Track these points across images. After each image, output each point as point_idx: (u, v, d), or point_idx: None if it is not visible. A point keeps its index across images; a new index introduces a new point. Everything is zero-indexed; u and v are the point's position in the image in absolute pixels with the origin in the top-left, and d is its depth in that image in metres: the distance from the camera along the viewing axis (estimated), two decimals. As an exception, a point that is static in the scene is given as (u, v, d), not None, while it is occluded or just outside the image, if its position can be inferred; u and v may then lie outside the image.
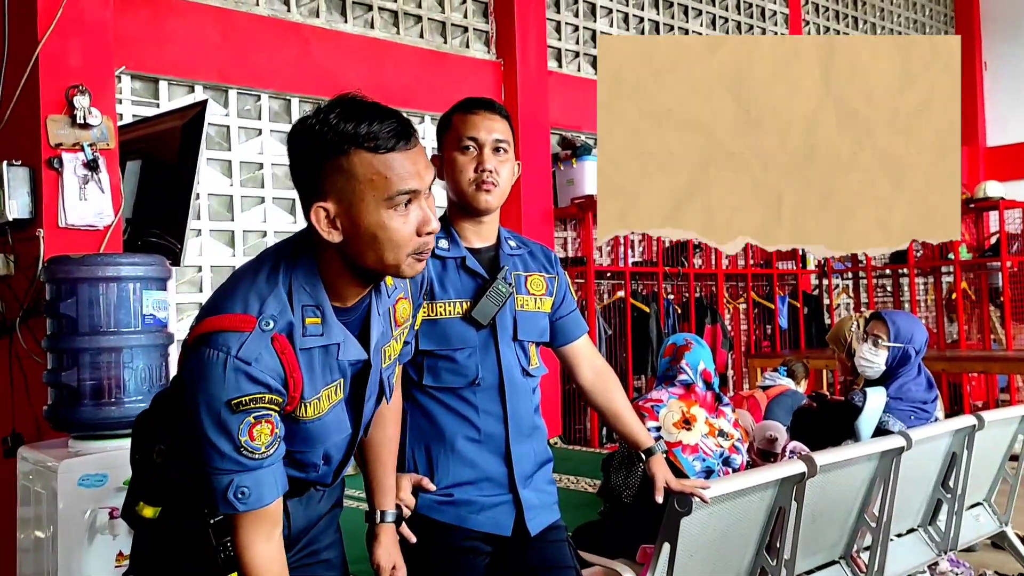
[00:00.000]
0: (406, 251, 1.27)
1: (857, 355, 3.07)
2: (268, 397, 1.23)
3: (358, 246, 1.26)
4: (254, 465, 1.24)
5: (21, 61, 2.85)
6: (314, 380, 1.31)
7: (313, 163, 1.25)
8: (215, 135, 4.84)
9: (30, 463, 2.59)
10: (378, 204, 1.23)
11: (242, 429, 1.22)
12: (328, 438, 1.38)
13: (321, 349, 1.31)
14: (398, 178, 1.24)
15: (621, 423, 2.03)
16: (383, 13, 5.77)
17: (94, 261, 2.55)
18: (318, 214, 1.25)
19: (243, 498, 1.25)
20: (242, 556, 1.27)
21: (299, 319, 1.27)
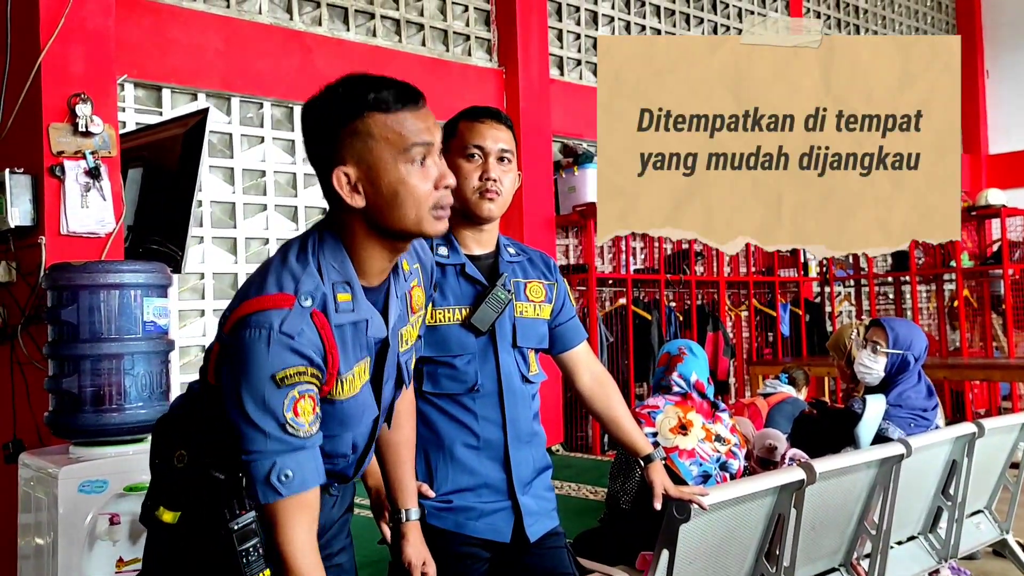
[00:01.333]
0: (427, 205, 1.31)
1: (856, 361, 3.07)
2: (311, 371, 1.24)
3: (381, 207, 1.30)
4: (298, 444, 1.24)
5: (23, 69, 2.87)
6: (347, 356, 1.32)
7: (329, 132, 1.30)
8: (217, 142, 4.86)
9: (31, 469, 2.59)
10: (396, 160, 1.28)
11: (287, 405, 1.23)
12: (360, 420, 1.38)
13: (351, 325, 1.33)
14: (411, 133, 1.29)
15: (620, 430, 2.03)
16: (385, 21, 5.79)
17: (95, 268, 2.56)
18: (340, 179, 1.29)
19: (286, 481, 1.23)
20: (284, 547, 1.24)
21: (331, 295, 1.30)
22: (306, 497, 1.26)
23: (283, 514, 1.25)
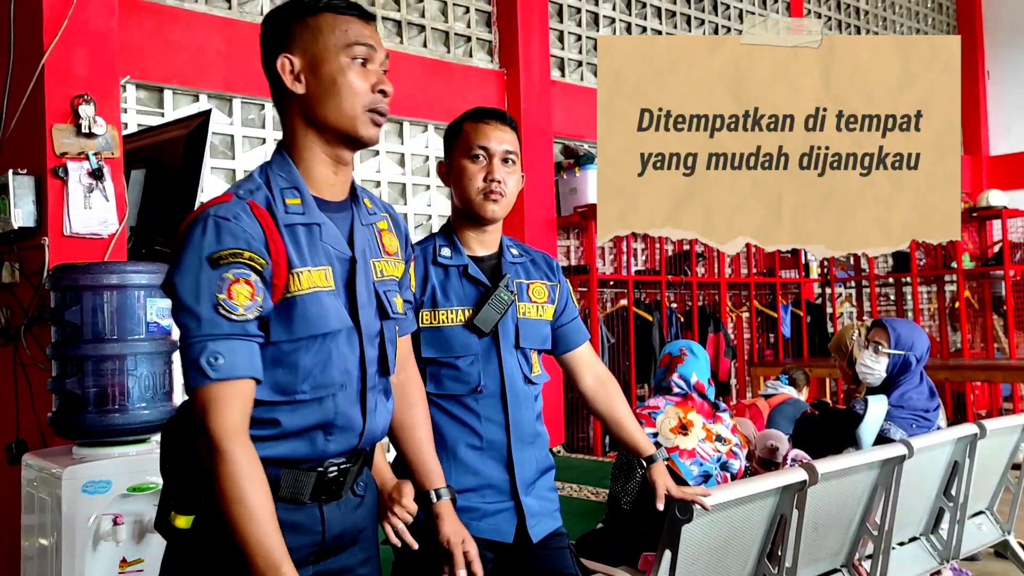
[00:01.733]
0: (362, 102, 1.37)
1: (858, 362, 3.08)
2: (247, 255, 1.26)
3: (319, 95, 1.36)
4: (231, 329, 1.24)
5: (27, 70, 2.88)
6: (301, 254, 1.33)
7: (282, 26, 1.39)
8: (219, 144, 4.87)
9: (34, 470, 2.59)
10: (338, 52, 1.36)
11: (221, 286, 1.23)
12: (327, 321, 1.33)
13: (305, 229, 1.35)
14: (357, 33, 1.38)
15: (622, 430, 2.03)
16: (387, 23, 5.80)
17: (99, 269, 2.57)
18: (284, 65, 1.37)
19: (216, 364, 1.22)
20: (213, 431, 1.21)
21: (279, 199, 1.34)
22: (237, 385, 1.24)
23: (212, 399, 1.22)
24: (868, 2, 9.98)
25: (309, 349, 1.33)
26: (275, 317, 1.31)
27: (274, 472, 1.34)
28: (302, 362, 1.33)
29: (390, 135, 5.90)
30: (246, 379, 1.25)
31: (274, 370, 1.32)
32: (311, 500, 1.38)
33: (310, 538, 1.40)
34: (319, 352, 1.34)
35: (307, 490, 1.37)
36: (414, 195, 6.04)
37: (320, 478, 1.38)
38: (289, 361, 1.32)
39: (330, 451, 1.39)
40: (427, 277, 1.85)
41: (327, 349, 1.35)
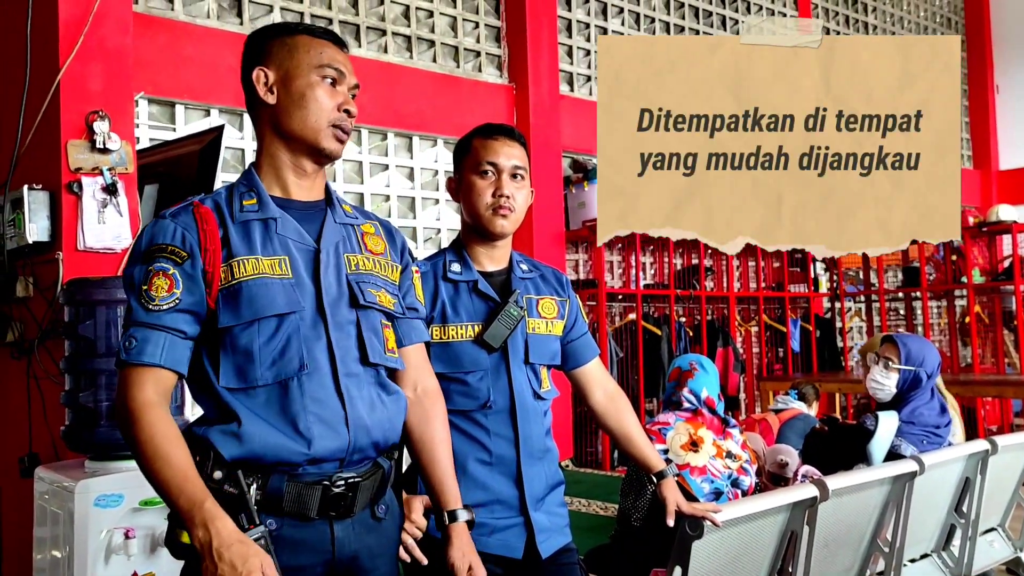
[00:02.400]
0: (326, 118, 1.45)
1: (868, 377, 3.07)
2: (170, 248, 1.37)
3: (287, 107, 1.45)
4: (146, 318, 1.34)
5: (42, 86, 2.91)
6: (250, 245, 1.41)
7: (260, 43, 1.50)
8: (230, 158, 4.90)
9: (47, 483, 2.61)
10: (310, 69, 1.46)
11: (145, 278, 1.36)
12: (274, 304, 1.38)
13: (260, 224, 1.43)
14: (329, 56, 1.48)
15: (633, 446, 2.03)
16: (396, 38, 5.84)
17: (112, 283, 2.58)
18: (259, 76, 1.47)
19: (129, 348, 1.34)
20: (125, 403, 1.31)
21: (237, 201, 1.44)
22: (149, 371, 1.33)
23: (126, 378, 1.33)
24: (877, 17, 10.00)
25: (261, 333, 1.38)
26: (223, 304, 1.38)
27: (276, 484, 1.34)
28: (255, 346, 1.38)
29: (399, 149, 5.93)
30: (154, 367, 1.34)
31: (234, 356, 1.38)
32: (319, 516, 1.38)
33: (318, 556, 1.39)
34: (274, 336, 1.39)
35: (313, 504, 1.37)
36: (423, 209, 6.07)
37: (326, 492, 1.37)
38: (242, 346, 1.38)
39: (319, 448, 1.37)
40: (437, 292, 1.86)
41: (284, 334, 1.39)
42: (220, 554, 1.22)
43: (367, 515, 1.45)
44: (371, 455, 1.45)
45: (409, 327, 1.60)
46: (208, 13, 4.93)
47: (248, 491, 1.32)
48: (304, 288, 1.42)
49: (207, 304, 1.38)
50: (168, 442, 1.30)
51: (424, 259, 1.94)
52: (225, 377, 1.37)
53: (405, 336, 1.59)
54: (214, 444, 1.34)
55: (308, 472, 1.37)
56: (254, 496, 1.33)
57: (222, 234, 1.40)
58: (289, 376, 1.38)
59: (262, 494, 1.34)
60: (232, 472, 1.32)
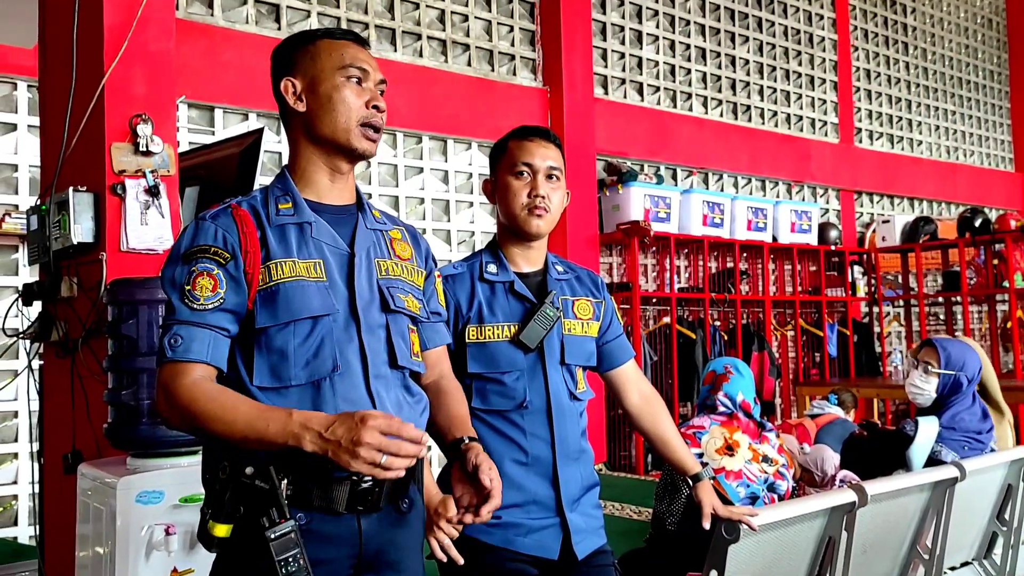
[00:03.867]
0: (356, 117, 1.48)
1: (907, 382, 3.03)
2: (213, 249, 1.40)
3: (317, 111, 1.48)
4: (190, 316, 1.37)
5: (87, 91, 2.97)
6: (287, 248, 1.44)
7: (286, 54, 1.54)
8: (268, 161, 4.96)
9: (89, 480, 2.65)
10: (334, 72, 1.49)
11: (188, 278, 1.39)
12: (309, 306, 1.41)
13: (296, 227, 1.46)
14: (351, 55, 1.50)
15: (668, 449, 2.03)
16: (432, 42, 5.88)
17: (154, 284, 2.62)
18: (287, 87, 1.50)
19: (175, 345, 1.36)
20: (169, 392, 1.34)
21: (273, 205, 1.47)
22: (192, 366, 1.36)
23: (169, 374, 1.36)
24: (917, 18, 9.86)
25: (296, 334, 1.41)
26: (260, 305, 1.41)
27: (305, 480, 1.37)
28: (291, 346, 1.40)
29: (434, 152, 5.96)
30: (200, 363, 1.37)
31: (268, 356, 1.41)
32: (347, 511, 1.40)
33: (348, 550, 1.42)
34: (308, 338, 1.41)
35: (341, 500, 1.39)
36: (457, 212, 6.09)
37: (354, 487, 1.40)
38: (277, 346, 1.40)
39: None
40: (473, 293, 1.87)
41: (318, 335, 1.42)
42: (333, 438, 1.27)
43: (391, 510, 1.48)
44: None
45: (432, 331, 1.63)
46: (247, 19, 5.00)
47: (279, 486, 1.34)
48: (338, 291, 1.45)
49: (246, 305, 1.41)
50: (226, 395, 1.35)
51: (460, 260, 1.95)
52: (259, 376, 1.40)
53: (429, 340, 1.62)
54: None
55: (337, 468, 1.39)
56: (285, 491, 1.35)
57: (260, 236, 1.43)
58: (322, 376, 1.41)
59: (293, 490, 1.37)
60: (264, 468, 1.34)
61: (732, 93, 7.87)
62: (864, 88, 9.20)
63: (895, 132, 9.51)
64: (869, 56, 9.29)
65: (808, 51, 8.60)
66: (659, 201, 6.66)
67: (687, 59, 7.52)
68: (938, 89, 10.09)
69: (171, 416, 1.37)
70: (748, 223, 7.24)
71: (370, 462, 1.26)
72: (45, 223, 3.08)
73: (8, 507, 4.52)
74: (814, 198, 8.56)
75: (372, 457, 1.26)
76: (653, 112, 7.18)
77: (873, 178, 9.07)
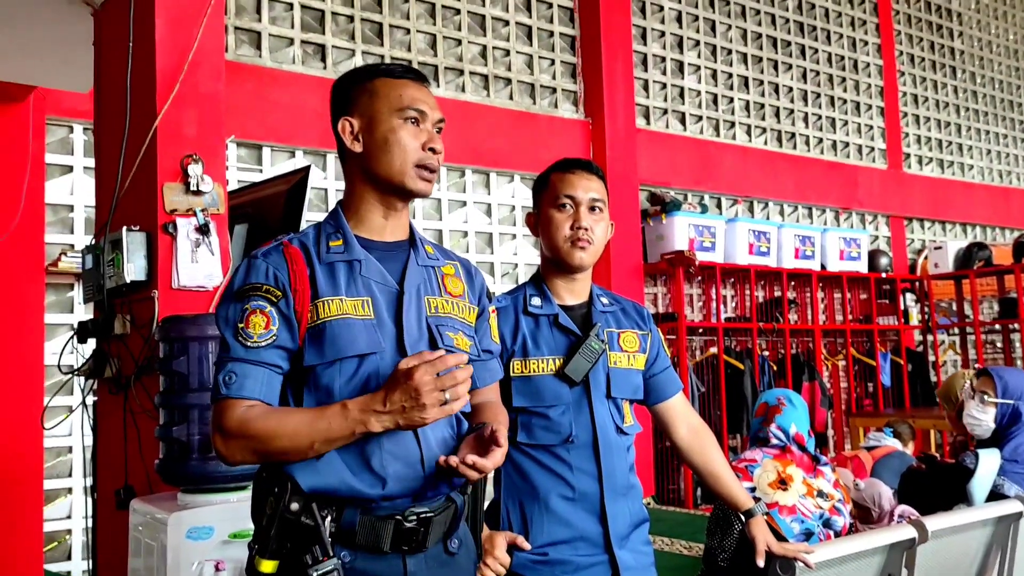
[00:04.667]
0: (412, 159, 1.48)
1: (964, 413, 2.94)
2: (265, 287, 1.41)
3: (374, 152, 1.49)
4: (244, 354, 1.39)
5: (141, 133, 3.05)
6: (335, 286, 1.44)
7: (344, 92, 1.54)
8: (314, 198, 5.04)
9: (141, 515, 2.68)
10: (391, 113, 1.49)
11: (242, 316, 1.40)
12: (356, 344, 1.41)
13: (345, 265, 1.46)
14: (409, 97, 1.50)
15: (719, 483, 1.99)
16: (474, 77, 5.95)
17: (204, 320, 2.66)
18: (344, 127, 1.51)
19: (229, 382, 1.37)
20: (223, 428, 1.36)
21: (324, 243, 1.48)
22: (246, 403, 1.37)
23: (223, 409, 1.37)
24: (964, 42, 9.72)
25: (342, 372, 1.41)
26: (308, 343, 1.41)
27: (350, 518, 1.36)
28: (336, 384, 1.40)
29: (477, 186, 6.01)
30: (254, 400, 1.38)
31: (316, 394, 1.41)
32: (391, 550, 1.39)
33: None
34: (354, 376, 1.41)
35: (386, 538, 1.38)
36: (500, 244, 6.11)
37: (399, 526, 1.39)
38: (324, 384, 1.41)
39: (394, 486, 1.39)
40: (517, 326, 1.87)
41: (363, 373, 1.41)
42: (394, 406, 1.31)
43: (440, 550, 1.45)
44: (444, 491, 1.46)
45: (484, 369, 1.61)
46: (293, 59, 5.11)
47: (323, 523, 1.34)
48: (385, 328, 1.45)
49: (297, 342, 1.41)
50: (276, 411, 1.38)
51: (504, 293, 1.95)
52: None
53: (479, 379, 1.59)
54: (293, 475, 1.36)
55: (381, 506, 1.39)
56: (328, 528, 1.35)
57: (309, 274, 1.44)
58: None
59: (336, 527, 1.36)
60: (308, 504, 1.34)
61: (776, 121, 7.82)
62: (912, 113, 9.07)
63: (945, 157, 9.35)
64: (916, 81, 9.17)
65: (853, 77, 8.52)
66: (704, 230, 6.61)
67: (729, 88, 7.49)
68: (988, 112, 9.91)
69: (229, 450, 1.38)
70: (795, 251, 7.15)
71: (439, 404, 1.31)
72: (99, 262, 3.15)
73: (62, 541, 4.59)
74: (863, 225, 8.43)
75: (438, 398, 1.31)
76: (696, 141, 7.16)
77: (923, 204, 8.91)
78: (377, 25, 5.49)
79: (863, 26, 8.66)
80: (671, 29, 7.11)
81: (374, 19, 5.46)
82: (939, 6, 9.52)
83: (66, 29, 3.85)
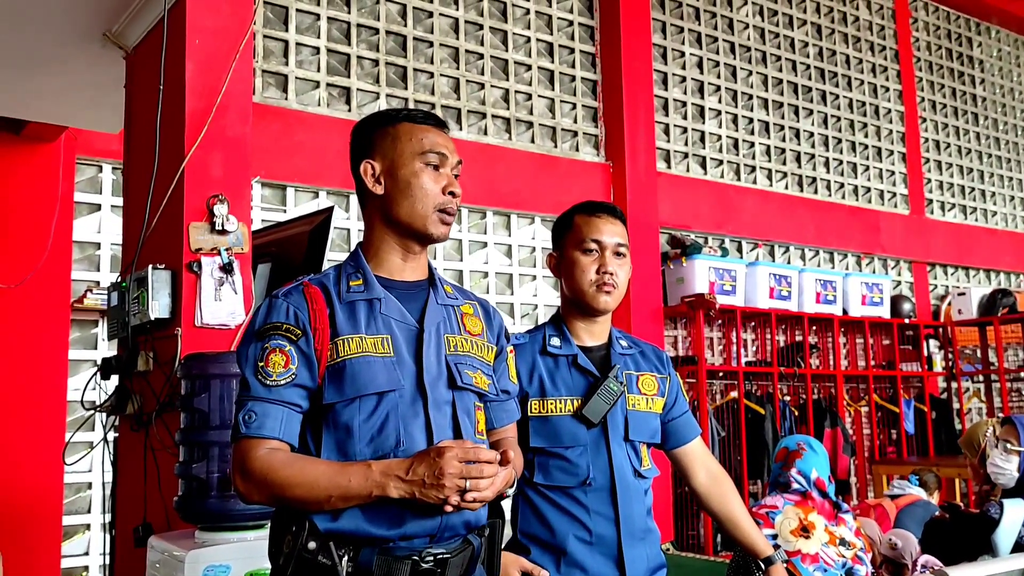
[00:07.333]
0: (432, 204, 1.51)
1: (988, 461, 2.90)
2: (285, 326, 1.44)
3: (395, 196, 1.51)
4: (264, 392, 1.41)
5: (168, 174, 3.11)
6: (355, 325, 1.46)
7: (366, 134, 1.57)
8: (337, 238, 5.09)
9: (158, 552, 2.68)
10: (413, 157, 1.51)
11: (262, 355, 1.43)
12: (375, 382, 1.42)
13: (365, 304, 1.48)
14: (431, 142, 1.53)
15: (738, 530, 1.97)
16: (496, 120, 6.02)
17: (226, 358, 2.69)
18: (366, 169, 1.54)
19: (248, 422, 1.39)
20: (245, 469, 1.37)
21: (344, 283, 1.50)
22: (267, 442, 1.39)
23: (244, 449, 1.39)
24: (986, 88, 9.73)
25: (361, 410, 1.42)
26: (328, 381, 1.43)
27: (367, 557, 1.36)
28: (355, 422, 1.42)
29: (498, 227, 6.04)
30: (274, 440, 1.39)
31: (335, 432, 1.42)
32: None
33: None
34: (373, 414, 1.42)
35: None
36: (520, 285, 6.13)
37: (415, 567, 1.38)
38: (343, 422, 1.42)
39: (411, 526, 1.39)
40: (534, 366, 1.88)
41: (383, 411, 1.43)
42: (415, 477, 1.33)
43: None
44: (461, 532, 1.46)
45: (501, 410, 1.63)
46: (319, 101, 5.20)
47: (340, 563, 1.35)
48: (405, 366, 1.46)
49: (317, 381, 1.43)
50: (301, 460, 1.39)
51: (523, 332, 1.96)
52: (326, 452, 1.42)
53: (497, 419, 1.62)
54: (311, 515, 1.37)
55: (399, 547, 1.39)
56: (345, 568, 1.36)
57: (329, 313, 1.46)
58: (385, 453, 1.41)
59: (353, 566, 1.37)
60: (325, 543, 1.35)
61: (797, 165, 7.83)
62: (934, 159, 9.06)
63: (968, 203, 9.30)
64: (938, 127, 9.17)
65: (874, 123, 8.53)
66: (724, 274, 6.60)
67: (750, 132, 7.53)
68: (1011, 159, 9.87)
69: (249, 491, 1.39)
70: (816, 296, 7.11)
71: (458, 491, 1.32)
72: (125, 299, 3.20)
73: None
74: (885, 270, 8.38)
75: (458, 485, 1.32)
76: (717, 185, 7.18)
77: (946, 250, 8.85)
78: (401, 69, 5.59)
79: (884, 72, 8.70)
80: (692, 74, 7.18)
81: (399, 63, 5.56)
82: (960, 53, 9.55)
83: (98, 72, 3.95)
